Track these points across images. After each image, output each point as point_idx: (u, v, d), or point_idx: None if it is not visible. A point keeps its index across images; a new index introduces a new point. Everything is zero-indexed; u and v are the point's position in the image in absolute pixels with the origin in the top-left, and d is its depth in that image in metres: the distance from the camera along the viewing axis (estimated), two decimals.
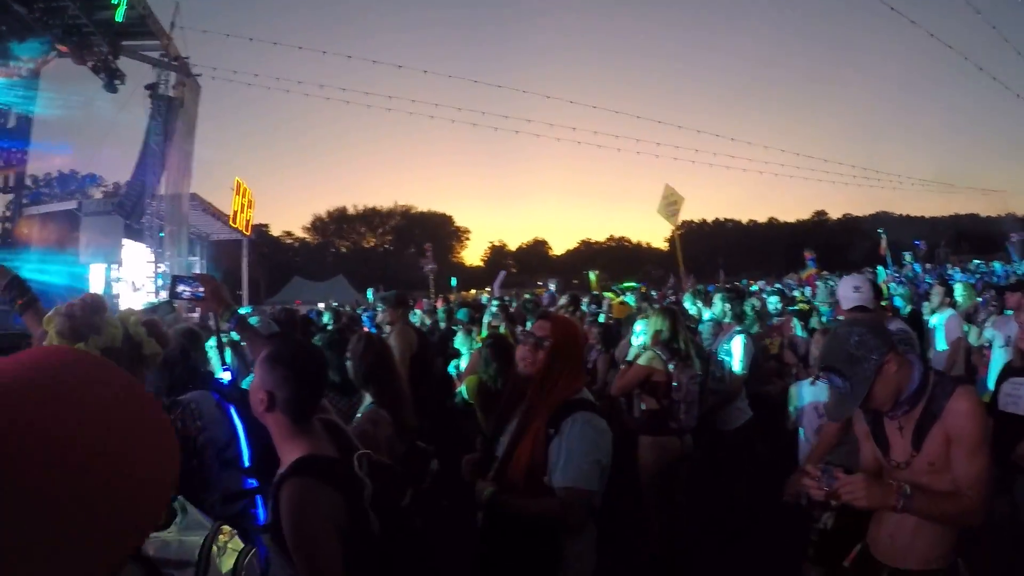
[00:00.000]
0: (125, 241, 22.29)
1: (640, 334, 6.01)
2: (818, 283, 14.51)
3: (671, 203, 17.12)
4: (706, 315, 9.08)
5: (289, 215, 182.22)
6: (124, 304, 21.65)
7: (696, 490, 5.90)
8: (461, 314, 10.55)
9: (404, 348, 6.30)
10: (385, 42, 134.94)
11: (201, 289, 3.46)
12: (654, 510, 5.38)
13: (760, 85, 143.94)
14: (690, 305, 11.08)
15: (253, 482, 3.33)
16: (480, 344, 6.47)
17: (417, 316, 12.03)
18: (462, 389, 6.15)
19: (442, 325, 10.77)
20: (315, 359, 2.53)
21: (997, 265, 31.86)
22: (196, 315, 8.85)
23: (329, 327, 10.05)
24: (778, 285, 21.66)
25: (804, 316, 10.17)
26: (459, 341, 7.77)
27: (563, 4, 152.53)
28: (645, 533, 5.46)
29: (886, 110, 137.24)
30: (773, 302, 10.47)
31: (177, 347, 3.69)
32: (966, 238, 65.10)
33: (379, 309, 11.17)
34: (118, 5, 17.77)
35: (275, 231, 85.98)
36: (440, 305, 14.66)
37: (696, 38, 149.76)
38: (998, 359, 5.96)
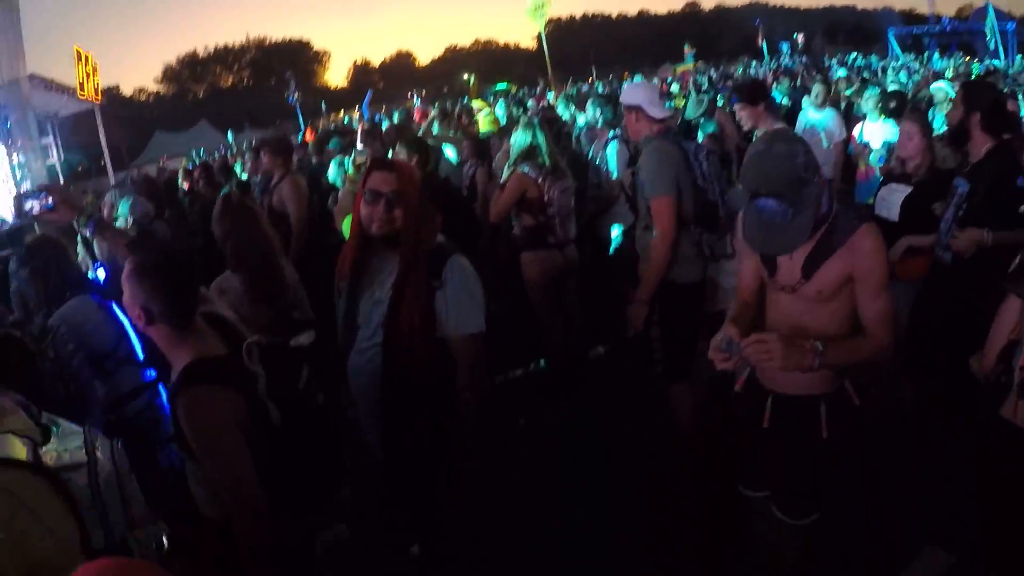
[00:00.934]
0: None
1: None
2: (691, 89, 13.87)
3: (538, 5, 16.92)
4: (580, 120, 9.16)
5: (139, 70, 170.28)
6: None
7: (587, 300, 6.03)
8: (333, 143, 9.76)
9: (299, 208, 5.89)
10: None
11: (50, 200, 3.44)
12: (548, 323, 5.54)
13: None
14: (563, 110, 11.22)
15: (152, 373, 3.24)
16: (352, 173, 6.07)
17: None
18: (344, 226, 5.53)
19: (313, 160, 9.88)
20: (181, 260, 2.44)
21: (874, 59, 31.59)
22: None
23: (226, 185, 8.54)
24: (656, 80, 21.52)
25: None
26: (332, 173, 7.06)
27: None
28: (542, 348, 5.75)
29: None
30: None
31: (42, 258, 3.46)
32: (842, 30, 65.13)
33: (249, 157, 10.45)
34: None
35: (127, 90, 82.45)
36: (310, 138, 13.90)
37: None
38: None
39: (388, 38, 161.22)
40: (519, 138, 5.37)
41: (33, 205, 3.48)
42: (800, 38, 39.17)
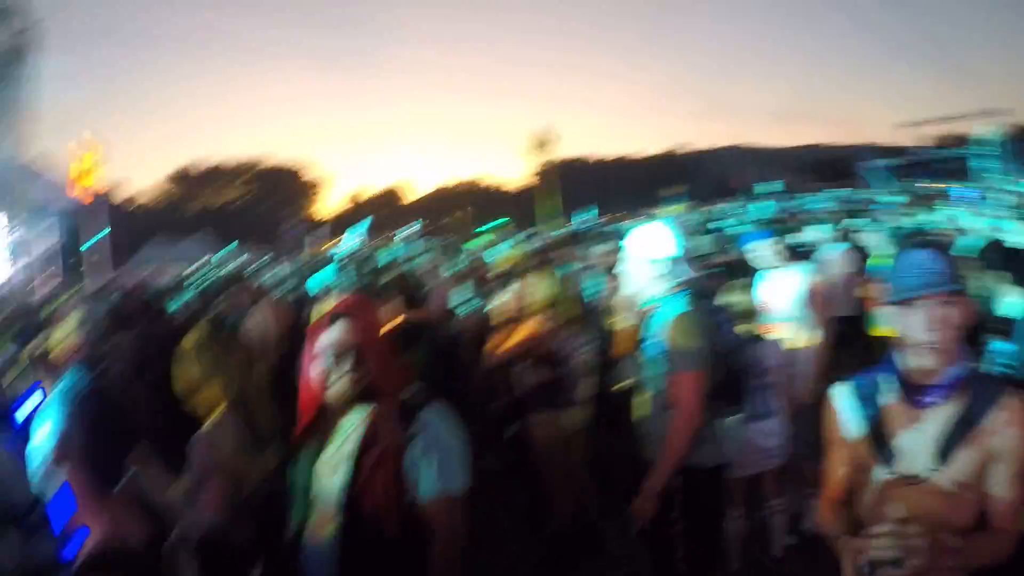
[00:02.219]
0: None
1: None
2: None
3: (540, 144, 17.15)
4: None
5: (143, 175, 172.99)
6: None
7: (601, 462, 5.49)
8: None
9: (262, 332, 5.35)
10: None
11: None
12: (558, 487, 4.97)
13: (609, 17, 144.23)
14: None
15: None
16: None
17: None
18: None
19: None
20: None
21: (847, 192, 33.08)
22: None
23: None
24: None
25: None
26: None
27: None
28: (549, 515, 5.04)
29: (736, 40, 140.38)
30: None
31: None
32: (816, 169, 66.79)
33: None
34: None
35: (129, 192, 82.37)
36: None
37: None
38: None
39: (381, 171, 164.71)
40: (541, 286, 4.99)
41: None
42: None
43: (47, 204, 30.65)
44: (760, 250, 5.78)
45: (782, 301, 5.44)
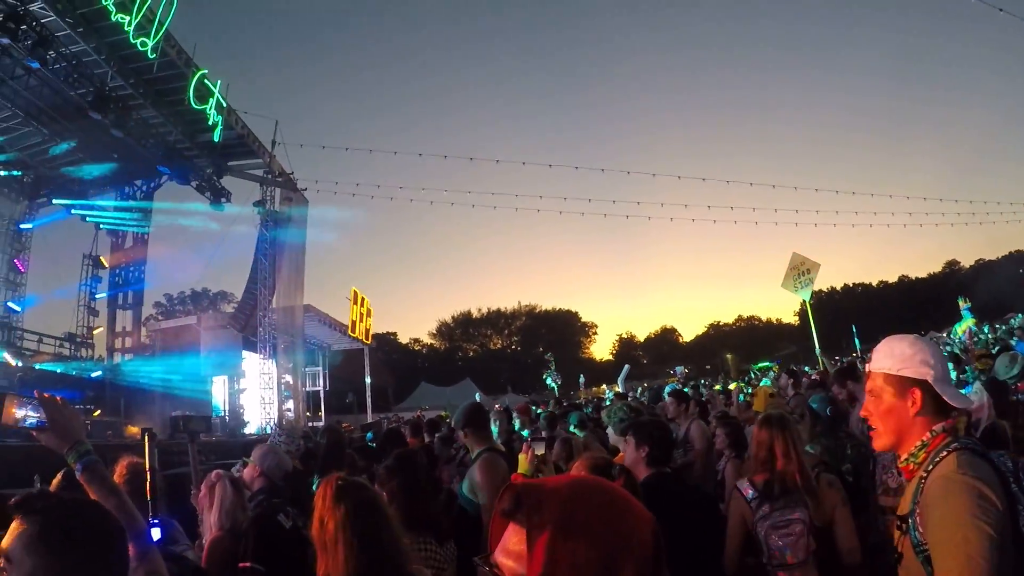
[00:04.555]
0: (245, 354, 22.84)
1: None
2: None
3: (803, 272, 15.85)
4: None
5: (416, 322, 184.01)
6: (248, 416, 22.35)
7: None
8: (572, 419, 8.42)
9: (488, 485, 4.59)
10: (486, 136, 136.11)
11: (42, 416, 2.45)
12: None
13: (869, 133, 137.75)
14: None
15: None
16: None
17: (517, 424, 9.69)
18: None
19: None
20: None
21: None
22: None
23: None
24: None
25: None
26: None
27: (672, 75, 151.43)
28: None
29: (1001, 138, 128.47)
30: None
31: None
32: None
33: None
34: (214, 127, 18.60)
35: (403, 338, 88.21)
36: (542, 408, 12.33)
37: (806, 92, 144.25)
38: None
39: (653, 316, 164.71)
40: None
41: (28, 416, 2.61)
42: None
43: (331, 345, 33.38)
44: None
45: None
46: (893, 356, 2.41)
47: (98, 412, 19.23)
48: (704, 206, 30.32)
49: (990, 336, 20.50)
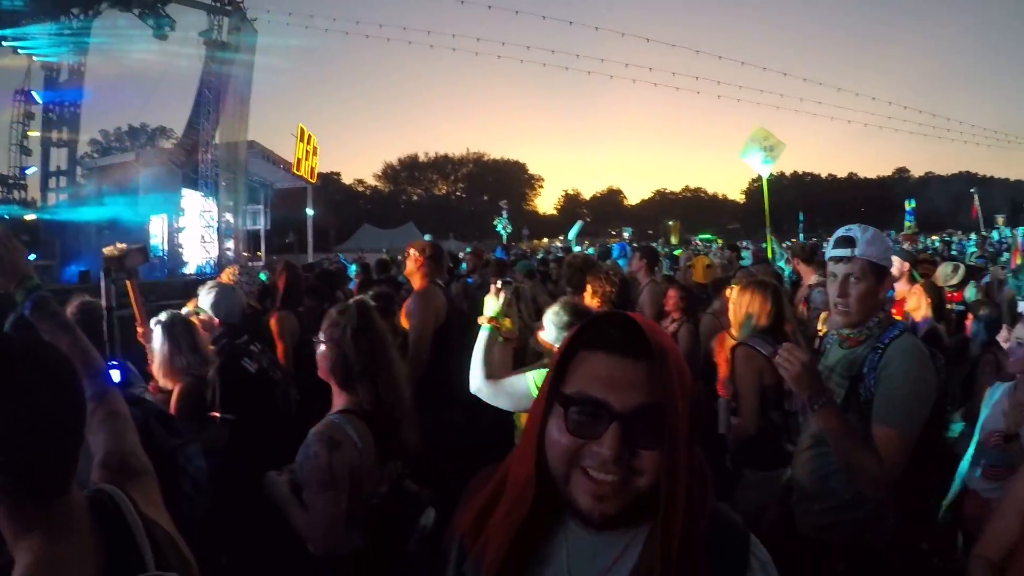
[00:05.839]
0: (185, 191, 21.97)
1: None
2: None
3: (767, 148, 15.39)
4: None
5: (361, 163, 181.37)
6: (188, 255, 21.73)
7: None
8: (521, 268, 8.93)
9: (422, 319, 4.84)
10: None
11: None
12: None
13: (845, 30, 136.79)
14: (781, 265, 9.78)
15: None
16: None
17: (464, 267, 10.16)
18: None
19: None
20: (52, 387, 1.34)
21: None
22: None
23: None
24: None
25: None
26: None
27: None
28: None
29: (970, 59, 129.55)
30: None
31: None
32: None
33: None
34: None
35: (346, 179, 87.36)
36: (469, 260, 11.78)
37: None
38: None
39: (601, 176, 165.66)
40: (750, 302, 4.22)
41: None
42: None
43: (273, 183, 32.29)
44: None
45: None
46: (878, 246, 2.75)
47: (34, 256, 18.45)
48: (669, 72, 29.71)
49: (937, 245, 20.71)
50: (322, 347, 2.79)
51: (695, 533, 1.22)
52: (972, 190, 29.74)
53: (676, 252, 18.29)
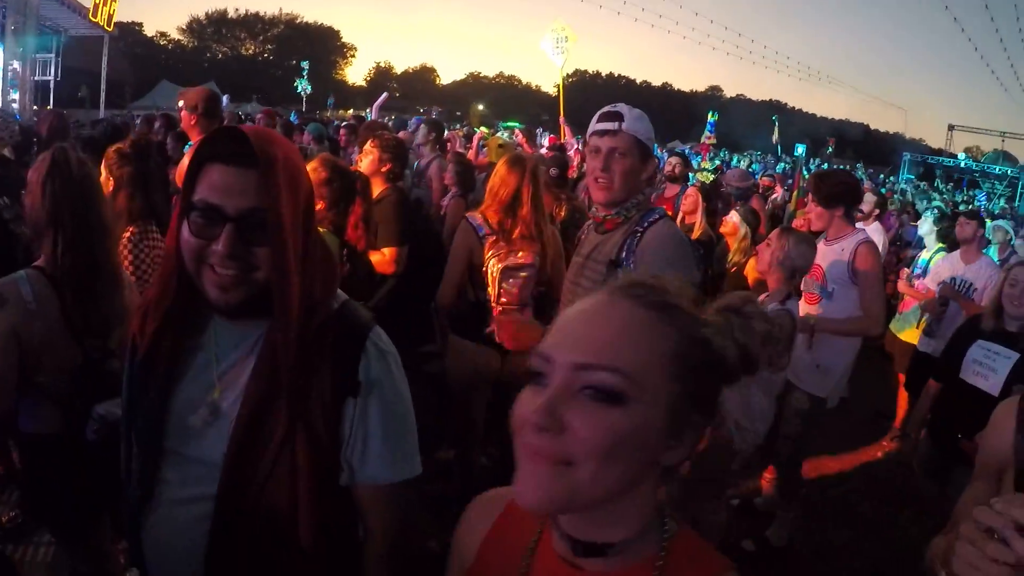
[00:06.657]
0: None
1: None
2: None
3: (560, 39, 16.37)
4: None
5: (165, 14, 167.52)
6: None
7: None
8: (312, 129, 9.39)
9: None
10: None
11: None
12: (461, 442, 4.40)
13: None
14: None
15: None
16: None
17: None
18: None
19: None
20: None
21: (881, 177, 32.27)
22: None
23: None
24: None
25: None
26: None
27: None
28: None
29: None
30: None
31: None
32: (850, 144, 66.25)
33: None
34: None
35: (148, 30, 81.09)
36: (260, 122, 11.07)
37: None
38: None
39: (415, 52, 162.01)
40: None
41: None
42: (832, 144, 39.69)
43: (68, 30, 30.01)
44: None
45: None
46: (644, 124, 2.78)
47: None
48: None
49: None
50: None
51: (313, 322, 1.46)
52: (774, 117, 32.08)
53: (475, 131, 19.02)
